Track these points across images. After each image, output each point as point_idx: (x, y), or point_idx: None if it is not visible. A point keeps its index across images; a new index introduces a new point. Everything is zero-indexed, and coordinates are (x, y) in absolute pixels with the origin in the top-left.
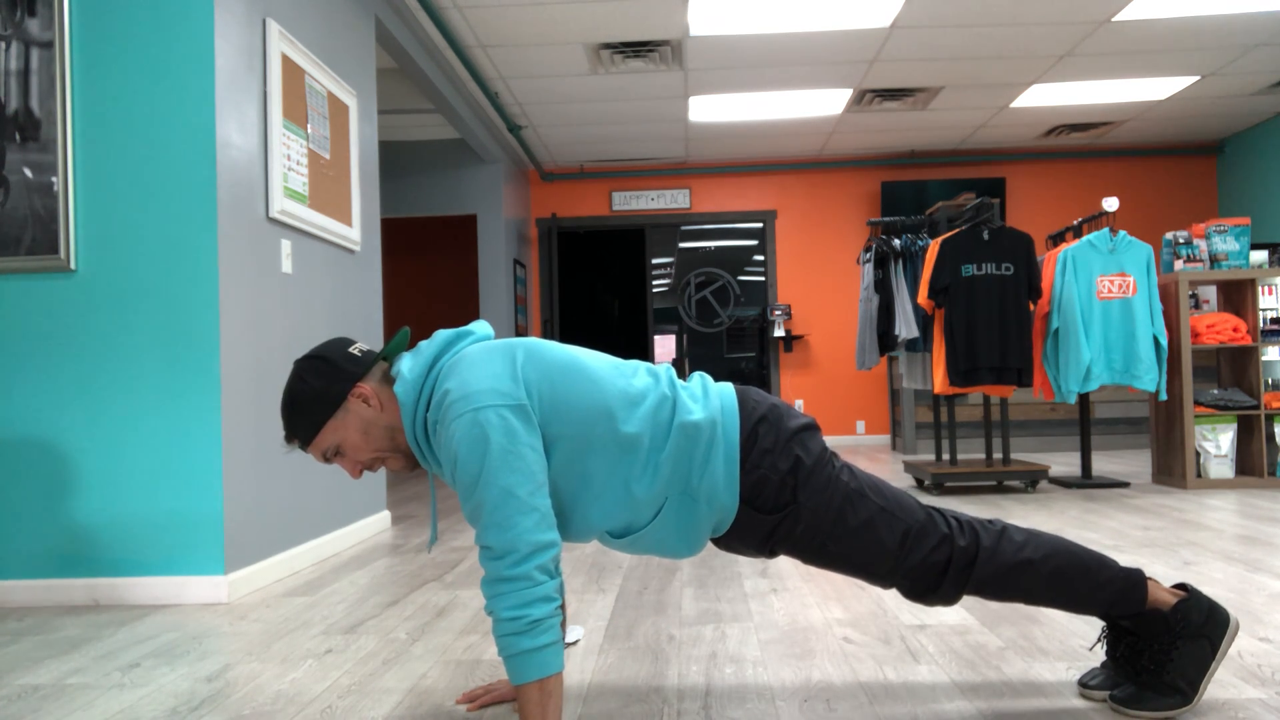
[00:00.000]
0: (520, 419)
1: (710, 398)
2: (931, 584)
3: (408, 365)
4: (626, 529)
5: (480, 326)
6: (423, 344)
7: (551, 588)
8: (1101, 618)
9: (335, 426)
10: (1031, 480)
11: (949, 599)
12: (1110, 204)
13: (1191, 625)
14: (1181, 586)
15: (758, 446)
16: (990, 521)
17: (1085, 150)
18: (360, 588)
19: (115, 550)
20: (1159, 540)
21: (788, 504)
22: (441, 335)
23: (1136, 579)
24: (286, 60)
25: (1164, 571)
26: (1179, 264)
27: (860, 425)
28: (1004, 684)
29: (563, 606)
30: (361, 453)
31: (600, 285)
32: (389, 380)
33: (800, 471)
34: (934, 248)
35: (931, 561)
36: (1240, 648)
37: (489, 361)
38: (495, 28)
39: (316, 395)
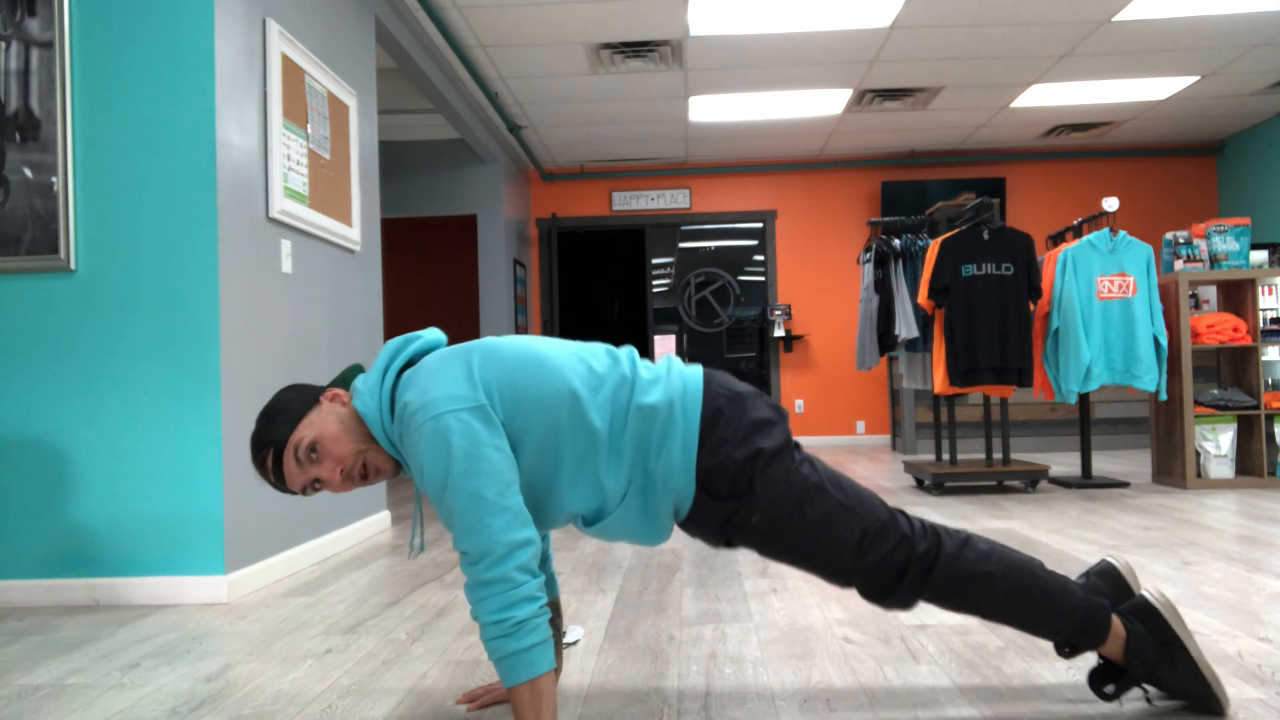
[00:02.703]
0: (481, 420)
1: (672, 379)
2: (889, 586)
3: (360, 379)
4: (598, 514)
5: (430, 332)
6: (373, 363)
7: (533, 587)
8: (1061, 645)
9: (311, 421)
10: (1031, 480)
11: (905, 603)
12: (1110, 204)
13: (1149, 654)
14: (1113, 600)
15: (716, 434)
16: (956, 530)
17: (1085, 150)
18: (360, 588)
19: (115, 550)
20: (1159, 540)
21: (744, 493)
22: (389, 344)
23: (1100, 612)
24: (286, 60)
25: (1164, 571)
26: (1179, 264)
27: (860, 425)
28: (1004, 684)
29: (555, 604)
30: (340, 443)
31: (600, 285)
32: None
33: (759, 461)
34: (934, 248)
35: (890, 563)
36: (1240, 648)
37: (443, 369)
38: (495, 28)
39: (290, 400)
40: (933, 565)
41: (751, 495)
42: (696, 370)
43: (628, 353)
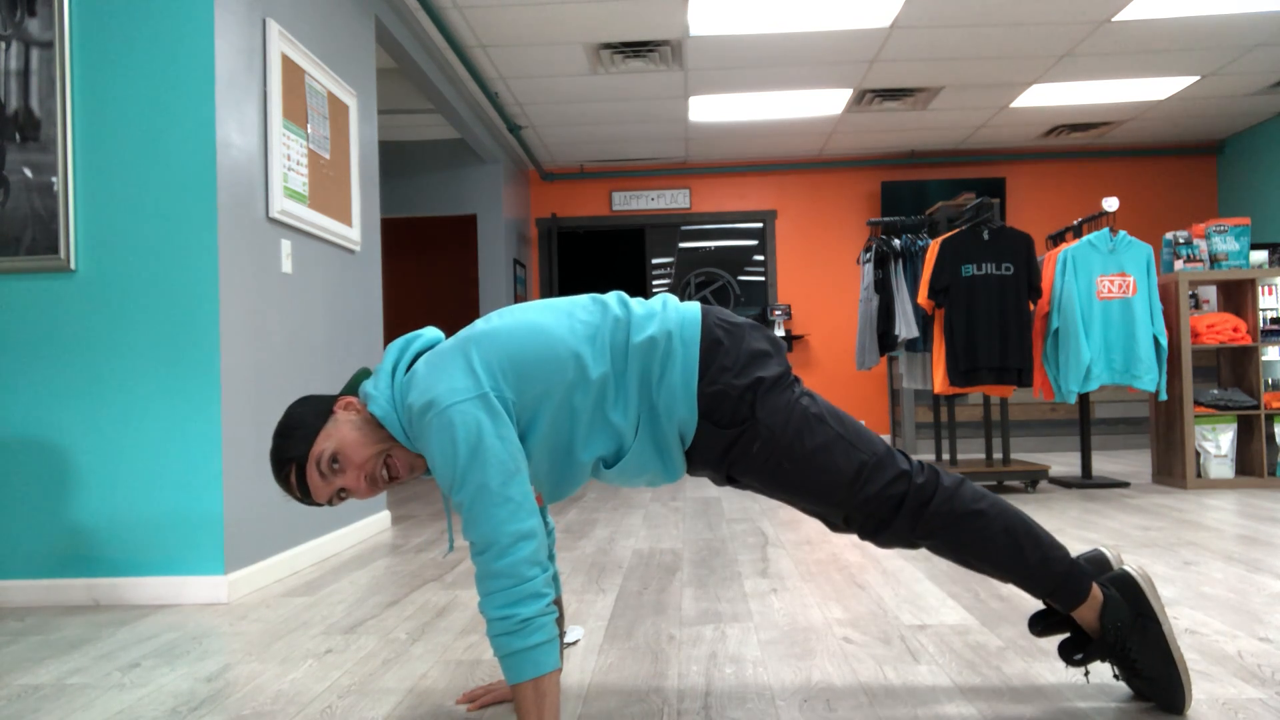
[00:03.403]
0: (483, 409)
1: (668, 313)
2: (885, 519)
3: (371, 385)
4: (617, 454)
5: (429, 331)
6: (378, 367)
7: (540, 583)
8: (1044, 599)
9: (328, 433)
10: (1031, 480)
11: (899, 537)
12: (1110, 204)
13: (1122, 619)
14: (1095, 575)
15: (716, 363)
16: (952, 473)
17: (1085, 150)
18: (360, 588)
19: (115, 550)
20: (1159, 540)
21: (746, 419)
22: (392, 346)
23: (1081, 571)
24: (286, 60)
25: (1164, 571)
26: (1179, 264)
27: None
28: (1004, 684)
29: (559, 602)
30: (361, 450)
31: (600, 285)
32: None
33: (759, 388)
34: (934, 248)
35: (887, 495)
36: (1240, 648)
37: (441, 364)
38: (495, 28)
39: (304, 414)
40: (930, 499)
41: (753, 421)
42: (694, 304)
43: (616, 296)
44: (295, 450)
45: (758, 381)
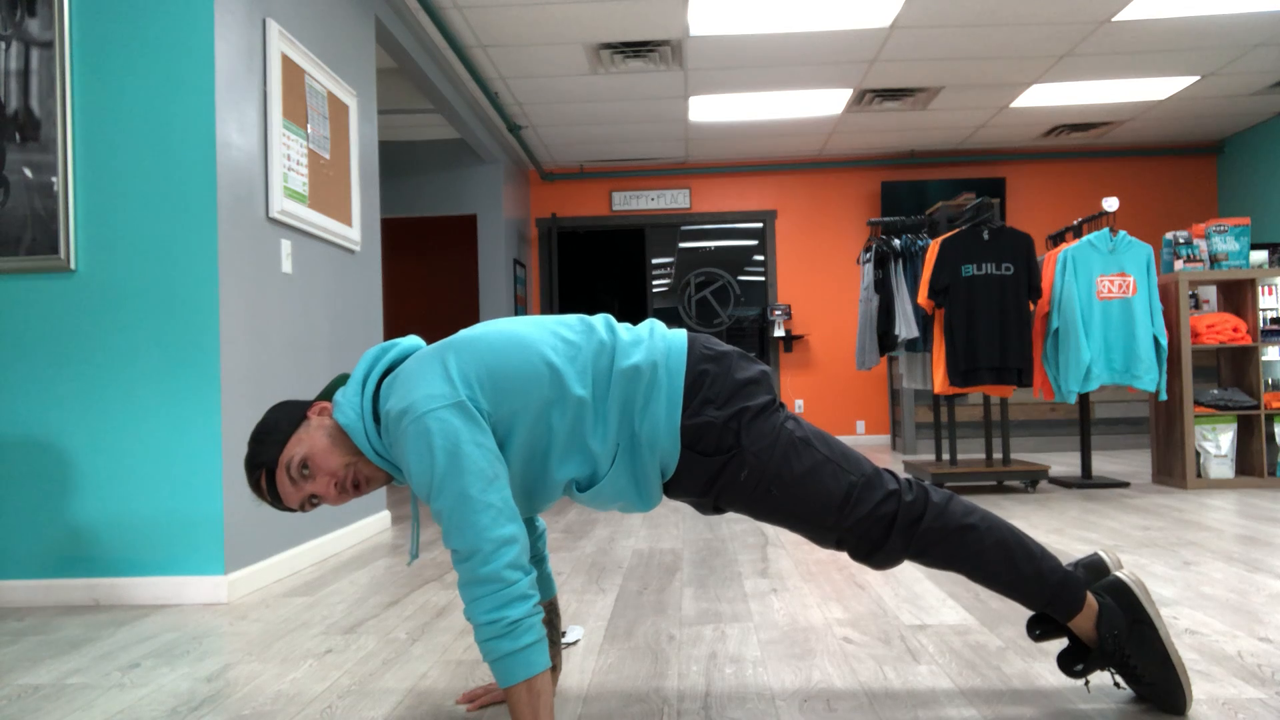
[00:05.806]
0: (460, 416)
1: (655, 341)
2: (877, 540)
3: (340, 392)
4: (591, 479)
5: (407, 339)
6: (351, 374)
7: (526, 585)
8: (1042, 609)
9: (300, 438)
10: (1031, 480)
11: (893, 557)
12: (1110, 204)
13: (1119, 627)
14: (1088, 582)
15: (701, 395)
16: (940, 488)
17: (1085, 150)
18: (360, 588)
19: (115, 550)
20: (1159, 540)
21: (731, 447)
22: (366, 354)
23: (1075, 581)
24: (286, 60)
25: (1164, 571)
26: (1179, 264)
27: (860, 425)
28: (1004, 684)
29: (552, 605)
30: (331, 458)
31: (600, 285)
32: None
33: (744, 417)
34: (934, 248)
35: (878, 515)
36: (1240, 648)
37: (420, 371)
38: (495, 28)
39: (278, 419)
40: (921, 515)
41: (739, 449)
42: (680, 333)
43: (603, 319)
44: (266, 455)
45: (742, 411)
